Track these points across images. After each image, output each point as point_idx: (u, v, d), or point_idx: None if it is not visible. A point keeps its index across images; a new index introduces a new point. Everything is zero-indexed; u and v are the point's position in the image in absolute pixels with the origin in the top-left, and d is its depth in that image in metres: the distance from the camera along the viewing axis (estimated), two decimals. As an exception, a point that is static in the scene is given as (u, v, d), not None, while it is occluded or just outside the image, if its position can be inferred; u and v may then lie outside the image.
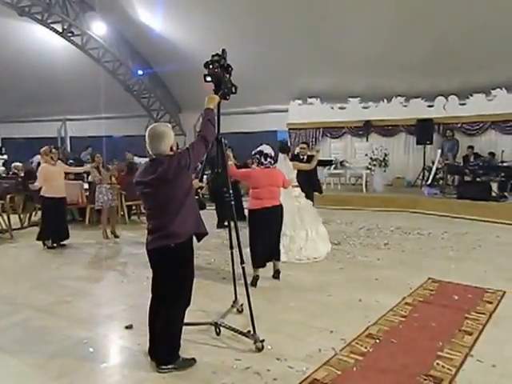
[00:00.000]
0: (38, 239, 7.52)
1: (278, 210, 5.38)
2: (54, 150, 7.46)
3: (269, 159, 5.36)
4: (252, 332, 3.64)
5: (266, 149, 5.42)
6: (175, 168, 3.13)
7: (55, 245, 7.49)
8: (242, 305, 4.25)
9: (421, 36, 12.05)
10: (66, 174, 8.22)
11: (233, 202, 3.93)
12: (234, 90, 3.75)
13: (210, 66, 3.57)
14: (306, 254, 6.39)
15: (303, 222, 6.50)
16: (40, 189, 7.35)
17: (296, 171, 6.56)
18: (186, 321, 3.47)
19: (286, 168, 6.32)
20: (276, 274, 5.50)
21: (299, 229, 6.46)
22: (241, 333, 3.74)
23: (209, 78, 3.65)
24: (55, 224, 7.43)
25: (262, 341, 3.58)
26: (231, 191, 3.86)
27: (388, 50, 12.63)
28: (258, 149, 5.45)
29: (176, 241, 3.21)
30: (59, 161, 7.81)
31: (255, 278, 5.24)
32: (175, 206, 3.20)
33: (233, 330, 3.80)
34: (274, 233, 5.41)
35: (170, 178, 3.13)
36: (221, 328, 3.87)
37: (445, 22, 11.51)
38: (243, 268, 3.77)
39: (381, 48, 12.60)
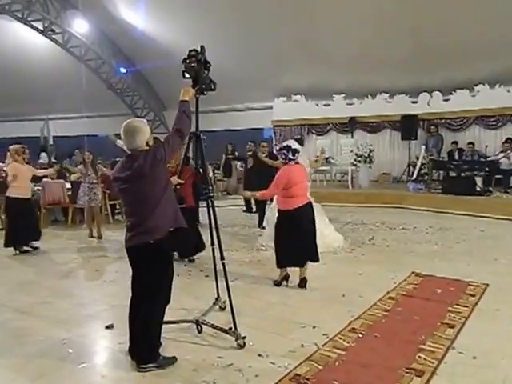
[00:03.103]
0: (5, 245, 6.89)
1: (309, 208, 5.07)
2: (26, 151, 6.94)
3: (297, 154, 5.06)
4: (234, 329, 3.61)
5: (294, 144, 5.13)
6: (151, 162, 3.10)
7: (29, 249, 7.03)
8: (224, 302, 4.20)
9: (404, 33, 12.09)
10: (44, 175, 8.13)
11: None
12: (212, 87, 3.70)
13: (187, 61, 3.52)
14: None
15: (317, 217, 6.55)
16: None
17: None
18: (167, 319, 3.44)
19: (303, 162, 6.29)
20: (302, 283, 5.03)
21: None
22: (222, 330, 3.71)
23: (187, 75, 3.60)
24: (25, 226, 6.84)
25: (244, 337, 3.56)
26: None
27: (372, 47, 12.65)
28: (285, 144, 5.11)
29: (155, 237, 3.16)
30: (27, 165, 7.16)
31: (285, 278, 5.10)
32: (153, 200, 3.16)
33: (214, 327, 3.76)
34: (306, 233, 4.99)
35: (146, 172, 3.10)
36: (202, 326, 3.82)
37: (427, 19, 11.57)
38: (223, 264, 3.74)
39: (365, 45, 12.62)
